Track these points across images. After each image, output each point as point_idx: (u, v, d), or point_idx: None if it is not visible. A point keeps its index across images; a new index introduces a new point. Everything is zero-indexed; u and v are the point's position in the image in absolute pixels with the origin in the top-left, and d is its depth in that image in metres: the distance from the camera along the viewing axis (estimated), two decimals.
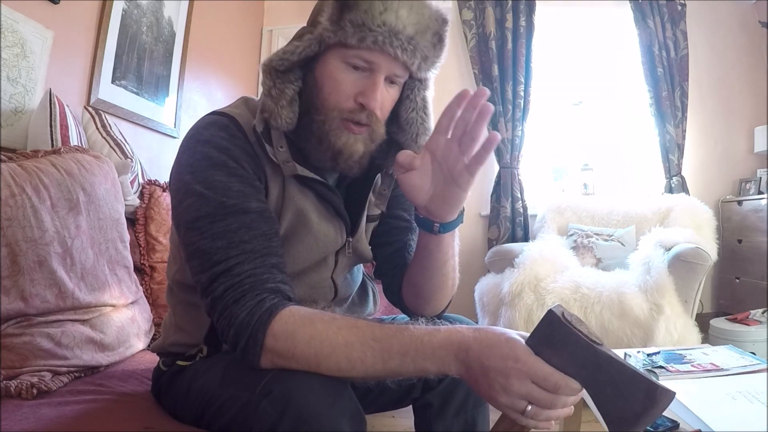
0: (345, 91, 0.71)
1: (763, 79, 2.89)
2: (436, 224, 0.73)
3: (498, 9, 2.92)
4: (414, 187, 0.70)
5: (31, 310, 0.96)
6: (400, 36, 0.67)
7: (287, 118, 0.72)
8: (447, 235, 0.76)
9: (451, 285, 0.83)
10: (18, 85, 1.44)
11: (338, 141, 0.72)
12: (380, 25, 0.66)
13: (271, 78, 0.72)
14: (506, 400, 0.55)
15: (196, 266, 0.67)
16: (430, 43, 0.71)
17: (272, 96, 0.71)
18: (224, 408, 0.64)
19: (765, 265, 2.41)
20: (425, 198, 0.71)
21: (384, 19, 0.66)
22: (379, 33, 0.66)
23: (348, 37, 0.67)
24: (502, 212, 2.87)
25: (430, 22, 0.70)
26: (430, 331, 0.59)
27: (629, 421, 0.51)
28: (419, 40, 0.69)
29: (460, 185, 0.69)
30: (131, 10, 1.96)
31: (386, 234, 0.89)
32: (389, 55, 0.68)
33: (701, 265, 1.91)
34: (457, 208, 0.73)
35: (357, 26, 0.67)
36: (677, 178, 2.80)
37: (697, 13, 2.91)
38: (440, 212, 0.72)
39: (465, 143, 0.65)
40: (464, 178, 0.68)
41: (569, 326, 0.53)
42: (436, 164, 0.69)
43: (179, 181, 0.70)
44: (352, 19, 0.67)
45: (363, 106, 0.71)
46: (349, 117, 0.71)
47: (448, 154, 0.67)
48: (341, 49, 0.69)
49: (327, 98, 0.72)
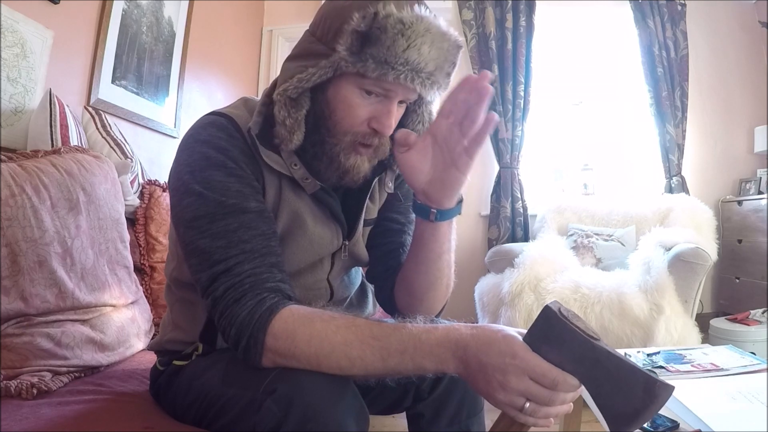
0: (359, 115, 0.71)
1: (763, 79, 2.89)
2: (434, 210, 0.73)
3: (498, 9, 2.92)
4: (413, 169, 0.71)
5: (31, 310, 0.96)
6: (422, 73, 0.67)
7: (297, 141, 0.72)
8: (444, 225, 0.75)
9: (445, 284, 0.82)
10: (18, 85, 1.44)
11: (347, 162, 0.73)
12: (403, 64, 0.65)
13: (286, 108, 0.70)
14: (504, 397, 0.54)
15: (196, 265, 0.67)
16: (446, 74, 0.71)
17: (287, 126, 0.70)
18: (227, 407, 0.64)
19: (765, 265, 2.41)
20: (424, 181, 0.72)
21: (407, 57, 0.65)
22: (401, 71, 0.65)
23: (368, 72, 0.66)
24: (502, 212, 2.87)
25: (448, 54, 0.70)
26: (428, 329, 0.60)
27: (628, 417, 0.51)
28: (438, 75, 0.69)
29: (459, 168, 0.69)
30: (131, 10, 1.96)
31: (379, 236, 0.89)
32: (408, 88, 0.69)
33: (701, 265, 1.91)
34: (455, 192, 0.73)
35: (379, 62, 0.65)
36: (677, 178, 2.80)
37: (697, 13, 2.91)
38: (438, 197, 0.72)
39: (465, 125, 0.66)
40: (463, 160, 0.68)
41: (566, 322, 0.53)
42: (437, 147, 0.70)
43: (178, 180, 0.70)
44: (374, 54, 0.65)
45: (375, 130, 0.71)
46: (362, 141, 0.72)
47: (449, 137, 0.68)
48: (358, 77, 0.68)
49: (340, 122, 0.72)
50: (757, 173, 2.81)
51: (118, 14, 1.87)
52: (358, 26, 0.65)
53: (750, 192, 2.80)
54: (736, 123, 2.95)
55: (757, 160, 2.90)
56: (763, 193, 2.65)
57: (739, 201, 2.74)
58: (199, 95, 2.53)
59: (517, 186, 2.89)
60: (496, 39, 2.90)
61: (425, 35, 0.66)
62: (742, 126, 2.94)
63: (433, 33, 0.67)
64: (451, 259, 0.81)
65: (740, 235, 2.66)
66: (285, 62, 0.74)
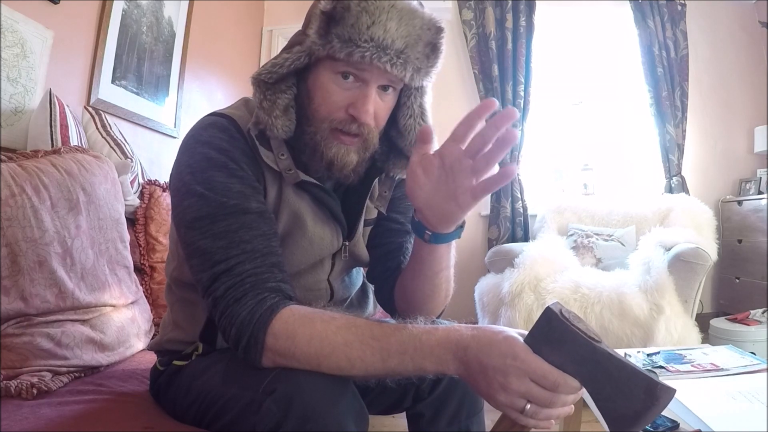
0: (336, 102, 0.70)
1: (763, 79, 2.90)
2: (428, 232, 0.70)
3: (498, 9, 2.92)
4: (415, 184, 0.66)
5: (31, 310, 0.96)
6: (389, 51, 0.65)
7: (283, 127, 0.71)
8: (441, 247, 0.72)
9: (443, 296, 0.81)
10: (18, 85, 1.44)
11: (329, 152, 0.71)
12: (367, 41, 0.64)
13: (261, 90, 0.71)
14: (505, 398, 0.54)
15: (197, 265, 0.67)
16: (422, 55, 0.69)
17: (264, 108, 0.70)
18: (227, 407, 0.64)
19: (765, 265, 2.41)
20: (422, 199, 0.67)
21: (371, 33, 0.64)
22: (366, 48, 0.64)
23: (336, 52, 0.66)
24: (502, 212, 2.87)
25: (422, 32, 0.68)
26: (429, 330, 0.59)
27: (629, 419, 0.51)
28: (410, 53, 0.67)
29: (461, 205, 0.64)
30: (131, 10, 1.95)
31: (379, 236, 0.88)
32: (379, 69, 0.67)
33: (701, 265, 1.91)
34: (452, 224, 0.69)
35: (344, 41, 0.65)
36: (677, 178, 2.80)
37: (697, 13, 2.91)
38: (434, 222, 0.69)
39: (479, 164, 0.61)
40: (466, 199, 0.63)
41: (567, 323, 0.53)
42: (443, 172, 0.64)
43: (179, 181, 0.70)
44: (339, 34, 0.65)
45: (354, 117, 0.70)
46: (339, 127, 0.71)
47: (458, 167, 0.62)
48: (331, 61, 0.68)
49: (318, 109, 0.71)
50: (757, 173, 2.81)
51: (118, 14, 1.87)
52: (325, 7, 0.66)
53: (750, 192, 2.80)
54: (736, 123, 2.95)
55: (757, 160, 2.90)
56: (763, 193, 2.65)
57: (739, 201, 2.74)
58: (199, 95, 2.53)
59: (517, 186, 2.89)
60: (496, 39, 2.90)
61: (390, 11, 0.65)
62: (742, 126, 2.94)
63: (400, 9, 0.66)
64: (450, 273, 0.80)
65: (740, 235, 2.66)
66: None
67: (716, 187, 2.94)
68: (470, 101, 3.03)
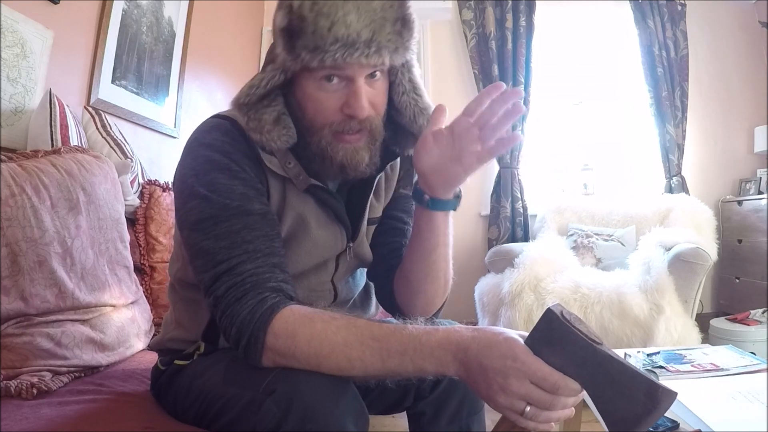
0: (329, 107, 0.70)
1: (763, 79, 2.90)
2: (427, 195, 0.73)
3: (498, 9, 2.92)
4: (424, 150, 0.70)
5: (31, 310, 0.96)
6: (358, 44, 0.64)
7: (280, 137, 0.71)
8: (438, 216, 0.75)
9: (442, 278, 0.81)
10: (18, 85, 1.44)
11: (337, 155, 0.71)
12: (333, 42, 0.63)
13: (243, 113, 0.71)
14: (505, 400, 0.54)
15: (200, 266, 0.68)
16: (393, 34, 0.67)
17: (252, 128, 0.71)
18: (227, 407, 0.64)
19: (765, 265, 2.41)
20: (428, 165, 0.70)
21: (335, 34, 0.63)
22: (335, 51, 0.64)
23: (308, 63, 0.65)
24: (502, 212, 2.87)
25: (384, 13, 0.66)
26: (429, 331, 0.59)
27: (630, 422, 0.50)
28: (380, 38, 0.66)
29: (464, 166, 0.69)
30: (131, 10, 1.95)
31: (383, 234, 0.88)
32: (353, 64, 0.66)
33: (701, 265, 1.91)
34: (452, 186, 0.73)
35: (312, 51, 0.64)
36: (677, 178, 2.80)
37: (697, 13, 2.91)
38: (435, 185, 0.72)
39: (486, 132, 0.66)
40: (471, 161, 0.68)
41: (568, 325, 0.52)
42: (451, 140, 0.69)
43: (183, 183, 0.71)
44: (305, 45, 0.64)
45: (350, 116, 0.70)
46: (340, 129, 0.71)
47: (465, 135, 0.67)
48: (308, 72, 0.68)
49: (314, 119, 0.71)
50: (757, 173, 2.81)
51: (118, 14, 1.87)
52: (281, 24, 0.66)
53: (750, 192, 2.80)
54: (736, 123, 2.95)
55: (757, 160, 2.90)
56: (763, 193, 2.65)
57: (739, 201, 2.74)
58: (199, 95, 2.53)
59: (517, 186, 2.89)
60: (496, 39, 2.90)
61: (345, 5, 0.64)
62: (742, 126, 2.94)
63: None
64: (448, 254, 0.80)
65: (740, 235, 2.66)
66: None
67: (716, 187, 2.94)
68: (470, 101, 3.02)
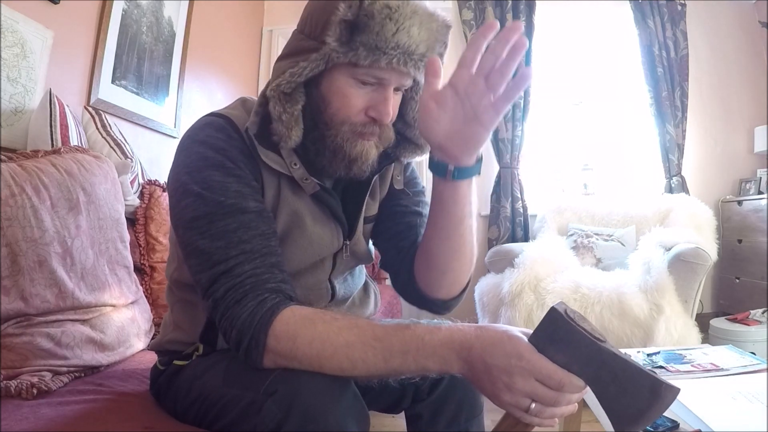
0: (355, 105, 0.70)
1: (763, 79, 2.90)
2: (451, 166, 0.67)
3: (498, 9, 2.92)
4: (430, 118, 0.64)
5: (31, 310, 0.96)
6: (414, 56, 0.67)
7: (296, 138, 0.71)
8: (463, 185, 0.70)
9: (469, 252, 0.77)
10: (18, 85, 1.44)
11: (354, 150, 0.72)
12: (394, 48, 0.65)
13: (281, 104, 0.70)
14: (510, 398, 0.54)
15: (196, 266, 0.67)
16: (438, 54, 0.71)
17: (283, 121, 0.70)
18: (227, 408, 0.64)
19: (765, 265, 2.41)
20: (441, 134, 0.65)
21: (397, 40, 0.65)
22: (393, 55, 0.65)
23: (360, 59, 0.66)
24: (502, 212, 2.87)
25: (438, 35, 0.70)
26: (431, 330, 0.59)
27: (633, 418, 0.51)
28: (430, 55, 0.68)
29: (483, 123, 0.62)
30: (131, 10, 1.95)
31: (384, 221, 0.87)
32: (401, 72, 0.68)
33: (701, 265, 1.91)
34: (476, 149, 0.66)
35: (370, 49, 0.65)
36: (677, 178, 2.80)
37: (697, 13, 2.91)
38: (457, 152, 0.66)
39: (494, 79, 0.60)
40: (489, 115, 0.62)
41: (572, 323, 0.53)
42: (457, 100, 0.63)
43: (177, 181, 0.70)
44: (364, 42, 0.65)
45: (374, 119, 0.71)
46: (361, 130, 0.71)
47: (473, 90, 0.61)
48: (351, 67, 0.68)
49: (336, 113, 0.71)
50: (757, 173, 2.81)
51: (118, 14, 1.87)
52: (345, 15, 0.65)
53: (750, 192, 2.80)
54: (736, 123, 2.95)
55: (757, 160, 2.90)
56: (763, 193, 2.65)
57: (739, 201, 2.74)
58: (199, 95, 2.53)
59: (517, 186, 2.89)
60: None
61: (413, 17, 0.66)
62: (742, 126, 2.94)
63: (421, 14, 0.67)
64: (473, 224, 0.76)
65: (740, 235, 2.66)
66: (276, 62, 0.74)
67: (716, 187, 2.94)
68: None
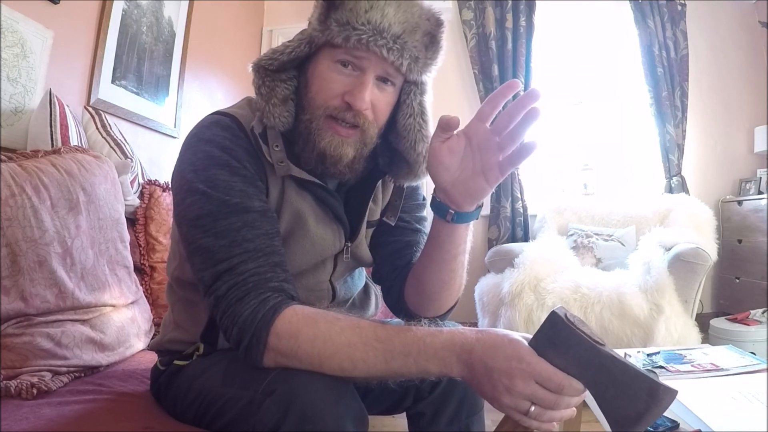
0: (333, 89, 0.70)
1: (763, 79, 2.89)
2: (451, 211, 0.71)
3: (498, 9, 2.92)
4: (441, 165, 0.68)
5: (31, 310, 0.96)
6: (386, 34, 0.67)
7: (281, 117, 0.71)
8: (461, 227, 0.73)
9: (458, 284, 0.81)
10: (18, 85, 1.44)
11: (321, 141, 0.71)
12: (364, 24, 0.66)
13: (260, 76, 0.72)
14: (510, 401, 0.55)
15: (199, 264, 0.67)
16: (420, 43, 0.70)
17: (262, 94, 0.71)
18: (226, 407, 0.64)
19: (765, 265, 2.41)
20: (448, 180, 0.69)
21: (369, 17, 0.66)
22: (363, 31, 0.66)
23: (334, 37, 0.67)
24: (502, 212, 2.87)
25: (420, 21, 0.69)
26: (433, 332, 0.59)
27: (632, 420, 0.52)
28: (407, 39, 0.68)
29: (489, 180, 0.67)
30: (131, 10, 1.95)
31: (384, 234, 0.87)
32: (376, 54, 0.68)
33: (701, 265, 1.91)
34: (477, 200, 0.71)
35: (342, 25, 0.67)
36: (677, 178, 2.80)
37: (697, 13, 2.91)
38: (460, 200, 0.70)
39: (505, 141, 0.64)
40: (494, 173, 0.66)
41: (572, 327, 0.54)
42: (469, 150, 0.67)
43: (181, 179, 0.70)
44: (337, 18, 0.67)
45: (350, 105, 0.70)
46: (334, 114, 0.71)
47: (486, 145, 0.65)
48: (330, 48, 0.69)
49: (314, 96, 0.72)
50: (757, 173, 2.81)
51: (118, 14, 1.87)
52: None
53: (750, 192, 2.80)
54: (736, 123, 2.95)
55: (757, 160, 2.90)
56: (763, 193, 2.65)
57: (739, 201, 2.74)
58: (199, 95, 2.53)
59: (517, 186, 2.89)
60: (496, 39, 2.90)
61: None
62: (742, 126, 2.94)
63: None
64: (466, 259, 0.80)
65: (740, 235, 2.66)
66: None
67: (716, 187, 2.94)
68: (470, 101, 3.03)
